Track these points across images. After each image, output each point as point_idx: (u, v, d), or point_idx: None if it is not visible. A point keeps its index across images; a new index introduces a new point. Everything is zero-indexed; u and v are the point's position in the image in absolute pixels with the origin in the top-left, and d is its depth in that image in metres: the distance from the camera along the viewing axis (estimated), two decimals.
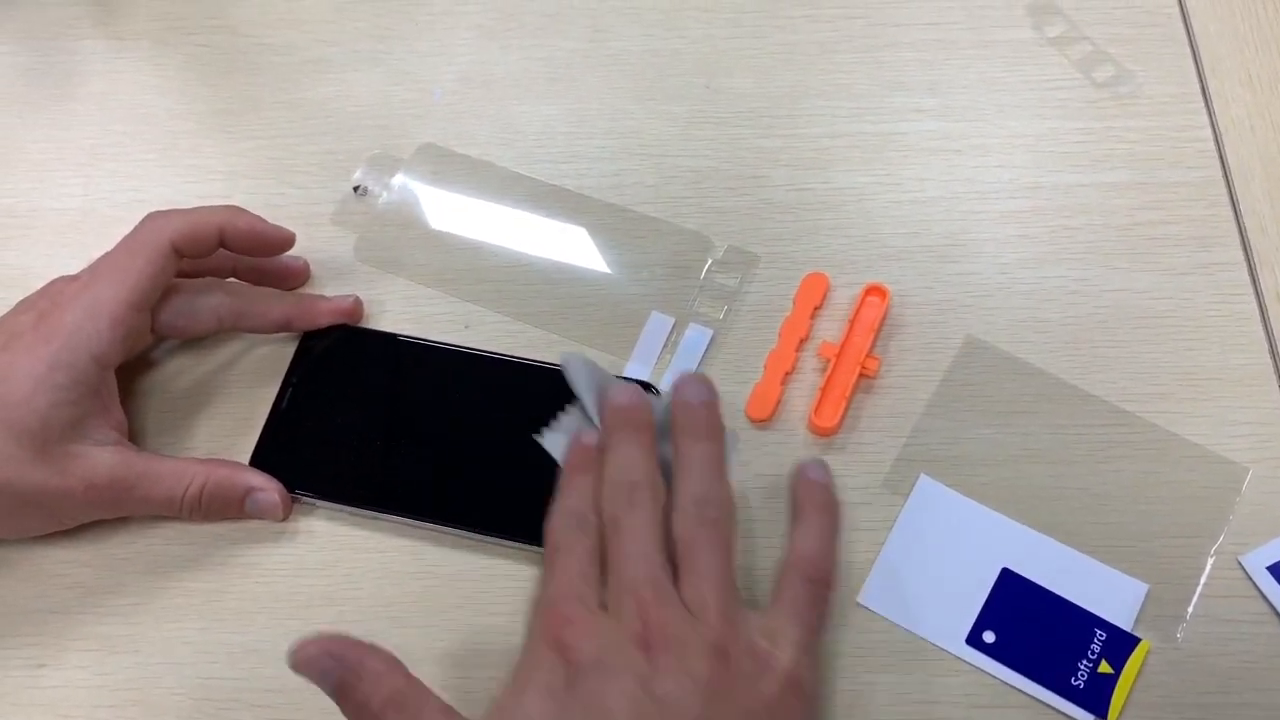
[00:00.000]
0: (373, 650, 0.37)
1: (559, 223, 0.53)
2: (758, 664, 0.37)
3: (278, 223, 0.49)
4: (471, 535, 0.45)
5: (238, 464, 0.46)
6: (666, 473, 0.42)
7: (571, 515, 0.40)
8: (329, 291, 0.51)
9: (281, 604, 0.45)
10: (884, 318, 0.48)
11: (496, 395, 0.48)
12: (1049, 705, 0.42)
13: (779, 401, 0.47)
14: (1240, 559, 0.44)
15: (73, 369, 0.42)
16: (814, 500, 0.42)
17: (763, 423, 0.47)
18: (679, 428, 0.42)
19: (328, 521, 0.46)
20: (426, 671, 0.37)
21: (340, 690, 0.36)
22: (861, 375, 0.47)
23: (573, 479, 0.42)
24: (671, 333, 0.49)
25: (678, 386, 0.43)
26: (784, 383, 0.48)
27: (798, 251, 0.51)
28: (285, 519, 0.46)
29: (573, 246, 0.52)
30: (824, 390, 0.47)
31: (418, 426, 0.47)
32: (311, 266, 0.52)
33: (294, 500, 0.46)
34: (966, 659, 0.43)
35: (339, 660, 0.36)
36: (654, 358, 0.49)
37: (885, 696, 0.42)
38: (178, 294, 0.46)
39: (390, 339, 0.49)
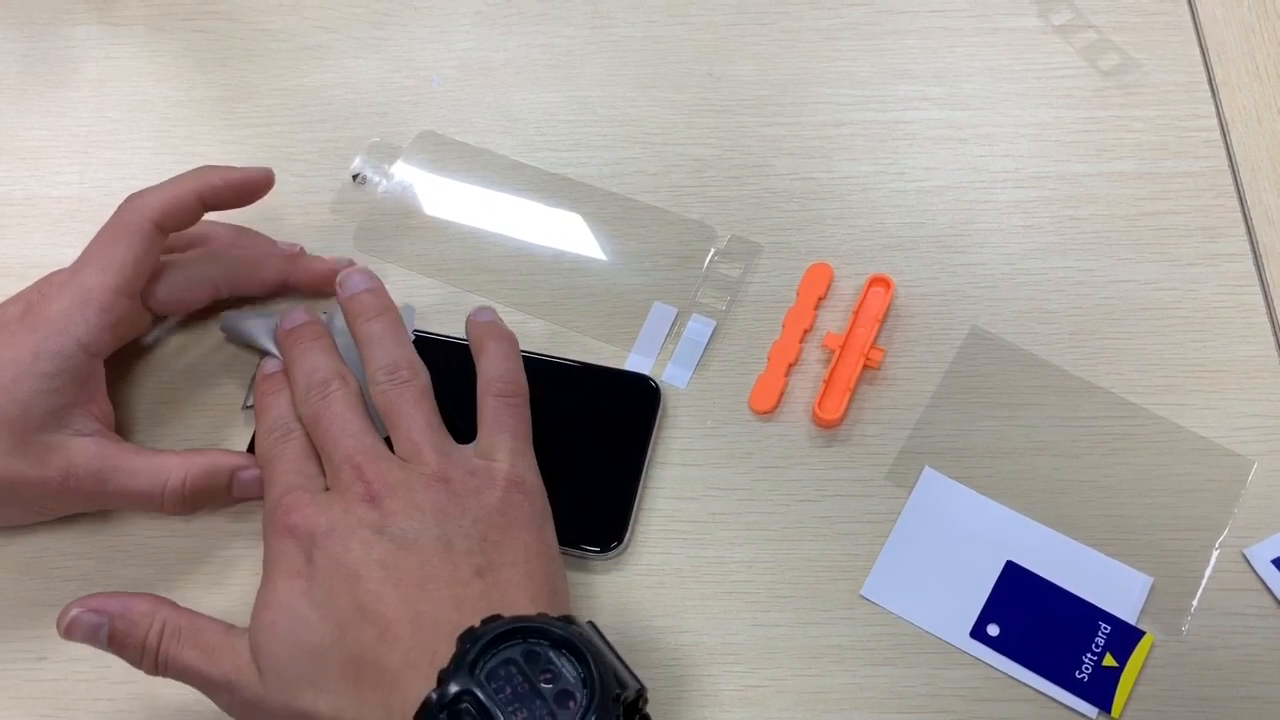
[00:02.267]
0: (133, 595, 0.39)
1: (560, 212, 0.52)
2: (479, 478, 0.40)
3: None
4: None
5: (215, 450, 0.46)
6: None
7: (272, 430, 0.42)
8: None
9: None
10: (888, 308, 0.48)
11: None
12: (1053, 698, 0.41)
13: (783, 393, 0.47)
14: (1245, 552, 0.44)
15: (59, 357, 0.42)
16: (488, 333, 0.44)
17: (767, 414, 0.47)
18: (352, 316, 0.44)
19: None
20: None
21: (114, 641, 0.38)
22: (865, 366, 0.47)
23: (266, 402, 0.44)
24: (674, 323, 0.49)
25: (340, 284, 0.45)
26: (788, 374, 0.47)
27: (801, 241, 0.51)
28: None
29: (574, 236, 0.52)
30: (828, 382, 0.46)
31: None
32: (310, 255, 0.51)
33: None
34: (970, 652, 0.42)
35: (103, 614, 0.38)
36: (656, 349, 0.49)
37: (889, 689, 0.42)
38: (169, 269, 0.46)
39: None
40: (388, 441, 0.41)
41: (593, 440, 0.46)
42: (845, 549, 0.44)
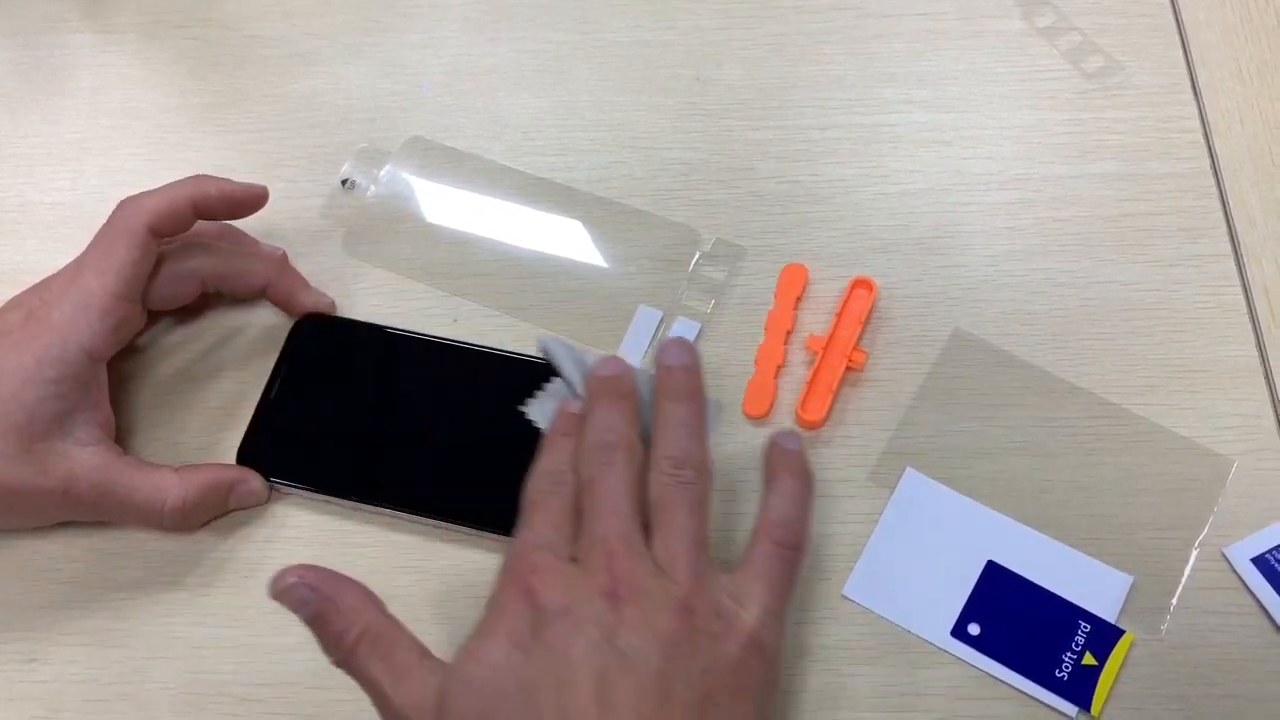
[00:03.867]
0: (350, 584, 0.38)
1: (547, 216, 0.53)
2: (723, 623, 0.37)
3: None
4: (462, 530, 0.45)
5: (210, 465, 0.46)
6: (649, 444, 0.41)
7: (548, 475, 0.41)
8: (314, 285, 0.51)
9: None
10: (871, 310, 0.48)
11: (486, 388, 0.48)
12: (1033, 697, 0.42)
13: (775, 396, 0.47)
14: (1224, 551, 0.44)
15: (63, 363, 0.42)
16: (788, 466, 0.42)
17: (760, 419, 0.47)
18: (659, 390, 0.42)
19: (317, 515, 0.47)
20: None
21: (316, 620, 0.37)
22: (848, 368, 0.47)
23: (554, 442, 0.42)
24: (659, 326, 0.49)
25: (662, 349, 0.43)
26: (777, 376, 0.48)
27: (785, 244, 0.51)
28: (267, 500, 0.47)
29: (561, 239, 0.52)
30: (810, 383, 0.47)
31: (408, 419, 0.48)
32: (299, 261, 0.51)
33: (283, 492, 0.47)
34: (951, 651, 0.43)
35: (316, 591, 0.37)
36: (642, 351, 0.49)
37: (869, 688, 0.42)
38: (160, 263, 0.46)
39: (381, 331, 0.49)
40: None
41: None
42: (827, 549, 0.45)
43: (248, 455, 0.47)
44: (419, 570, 0.45)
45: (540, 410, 0.44)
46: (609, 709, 0.34)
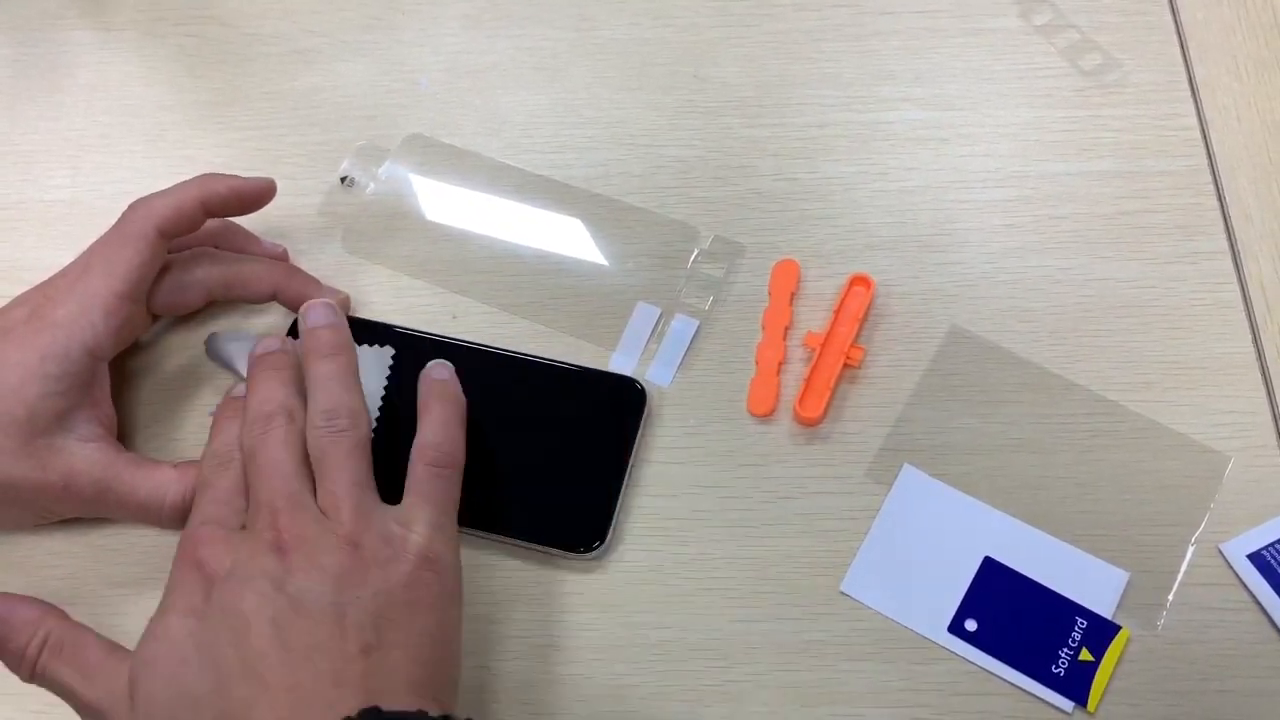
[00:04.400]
0: (23, 600, 0.39)
1: (546, 213, 0.53)
2: (391, 548, 0.39)
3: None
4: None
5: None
6: None
7: (215, 456, 0.42)
8: None
9: None
10: (869, 307, 0.49)
11: (485, 386, 0.48)
12: (1030, 693, 0.42)
13: (779, 394, 0.47)
14: (1221, 547, 0.44)
15: (64, 360, 0.42)
16: (435, 393, 0.44)
17: (766, 417, 0.47)
18: (307, 352, 0.43)
19: None
20: None
21: None
22: (846, 365, 0.47)
23: (218, 425, 0.44)
24: (658, 323, 0.50)
25: (303, 314, 0.45)
26: (779, 374, 0.48)
27: (783, 241, 0.51)
28: None
29: (559, 237, 0.52)
30: (808, 380, 0.47)
31: (405, 417, 0.48)
32: (299, 258, 0.52)
33: None
34: (948, 647, 0.43)
35: None
36: (640, 349, 0.49)
37: (867, 684, 0.42)
38: (166, 271, 0.46)
39: (380, 328, 0.50)
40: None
41: (577, 441, 0.46)
42: (825, 545, 0.45)
43: None
44: None
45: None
46: (288, 647, 0.36)
